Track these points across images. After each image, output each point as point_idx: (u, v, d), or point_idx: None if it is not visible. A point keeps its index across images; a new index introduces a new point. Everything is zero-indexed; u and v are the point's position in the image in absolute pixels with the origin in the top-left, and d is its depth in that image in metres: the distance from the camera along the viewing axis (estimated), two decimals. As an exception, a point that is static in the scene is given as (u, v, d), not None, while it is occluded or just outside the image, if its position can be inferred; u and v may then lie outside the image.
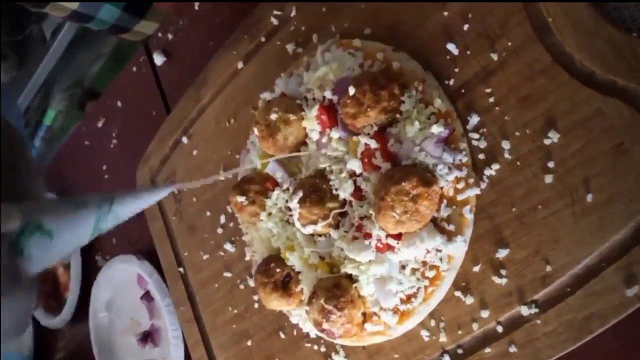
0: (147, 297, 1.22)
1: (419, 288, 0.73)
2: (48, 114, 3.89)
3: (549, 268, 0.65)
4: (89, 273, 1.40)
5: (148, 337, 1.22)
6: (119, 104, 1.36)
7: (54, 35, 3.61)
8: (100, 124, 1.41)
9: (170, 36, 1.21)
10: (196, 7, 1.15)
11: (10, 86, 3.63)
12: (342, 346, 0.84)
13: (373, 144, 0.74)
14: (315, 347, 0.87)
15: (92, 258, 1.40)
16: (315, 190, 0.79)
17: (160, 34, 1.24)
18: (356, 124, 0.75)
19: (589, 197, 0.62)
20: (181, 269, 1.10)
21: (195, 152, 1.08)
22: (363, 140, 0.74)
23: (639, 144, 0.59)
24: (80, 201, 0.59)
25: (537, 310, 0.65)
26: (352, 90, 0.74)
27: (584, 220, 0.63)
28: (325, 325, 0.77)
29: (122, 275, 1.27)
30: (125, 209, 0.62)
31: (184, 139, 1.10)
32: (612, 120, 0.61)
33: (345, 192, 0.77)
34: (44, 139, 3.92)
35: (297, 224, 0.80)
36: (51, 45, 3.62)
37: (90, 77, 3.67)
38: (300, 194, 0.79)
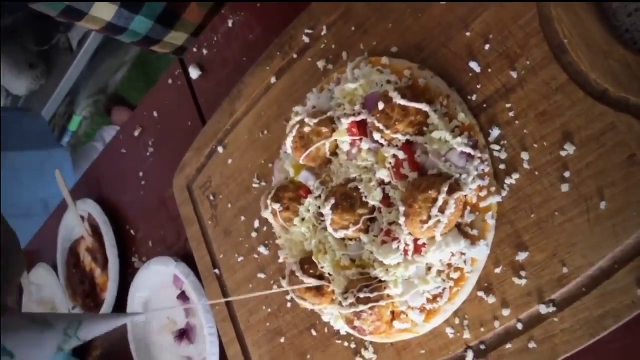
0: (182, 296, 1.29)
1: (444, 289, 0.79)
2: (73, 120, 4.01)
3: (565, 270, 0.70)
4: (126, 274, 1.48)
5: (184, 335, 1.29)
6: (155, 114, 1.43)
7: (80, 45, 3.72)
8: (136, 133, 1.48)
9: (205, 51, 1.29)
10: (230, 25, 1.22)
11: (39, 94, 3.75)
12: (371, 343, 0.90)
13: (401, 155, 0.80)
14: (346, 344, 0.93)
15: (129, 260, 1.48)
16: (347, 197, 0.85)
17: (195, 49, 1.31)
18: (385, 137, 0.81)
19: (603, 205, 0.67)
20: (217, 271, 1.16)
21: (230, 161, 1.14)
22: (392, 151, 0.80)
23: (649, 156, 0.64)
24: (46, 324, 0.60)
25: (554, 309, 0.71)
26: (381, 106, 0.80)
27: (598, 227, 0.68)
28: (356, 323, 0.83)
29: (159, 277, 1.33)
30: (91, 334, 0.64)
31: (220, 149, 1.16)
32: (624, 134, 0.66)
33: (374, 199, 0.83)
34: (69, 144, 4.04)
35: (330, 229, 0.86)
36: (77, 54, 3.73)
37: (114, 85, 3.77)
38: (333, 201, 0.85)
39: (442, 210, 0.74)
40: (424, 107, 0.78)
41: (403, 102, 0.78)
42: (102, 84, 3.88)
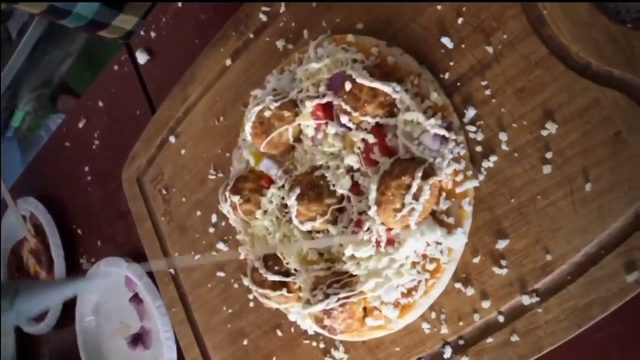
0: (135, 299, 1.20)
1: (419, 281, 0.74)
2: (16, 116, 3.79)
3: (549, 257, 0.66)
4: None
5: (138, 339, 1.20)
6: (100, 104, 1.33)
7: (20, 35, 3.52)
8: (81, 125, 1.38)
9: (153, 34, 1.19)
10: (180, 5, 1.14)
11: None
12: (341, 342, 0.84)
13: (371, 139, 0.74)
14: (314, 344, 0.87)
15: (76, 262, 1.38)
16: (313, 186, 0.78)
17: (142, 32, 1.22)
18: (353, 120, 0.75)
19: (588, 186, 0.63)
20: (172, 270, 1.08)
21: (183, 152, 1.06)
22: (361, 135, 0.74)
23: (636, 132, 0.60)
24: None
25: (538, 299, 0.66)
26: (348, 86, 0.74)
27: (583, 209, 0.64)
28: (326, 322, 0.77)
29: (110, 278, 1.24)
30: (32, 306, 0.57)
31: (172, 138, 1.08)
32: (609, 110, 0.62)
33: (343, 187, 0.77)
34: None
35: (295, 221, 0.79)
36: (17, 44, 3.53)
37: (59, 77, 3.59)
38: (298, 191, 0.78)
39: (416, 197, 0.68)
40: (390, 90, 0.72)
41: (368, 83, 0.72)
42: (46, 76, 3.68)
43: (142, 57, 1.21)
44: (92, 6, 1.38)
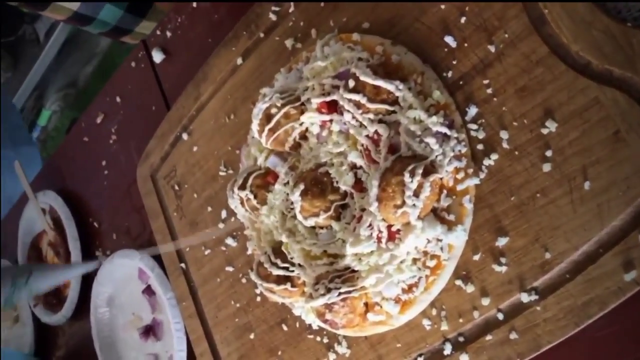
0: (148, 291, 1.23)
1: (420, 277, 0.74)
2: (42, 115, 3.88)
3: (548, 255, 0.66)
4: (90, 269, 1.41)
5: (150, 331, 1.23)
6: (118, 99, 1.36)
7: (48, 36, 3.60)
8: (99, 120, 1.41)
9: (168, 34, 1.22)
10: (194, 5, 1.16)
11: (4, 86, 3.63)
12: (344, 337, 0.85)
13: (380, 130, 0.74)
14: (318, 339, 0.88)
15: (92, 254, 1.41)
16: (317, 182, 0.79)
17: (158, 32, 1.25)
18: (357, 117, 0.76)
19: (587, 185, 0.63)
20: (183, 265, 1.10)
21: (195, 149, 1.08)
22: (364, 132, 0.75)
23: (635, 131, 0.60)
24: None
25: (537, 297, 0.67)
26: (352, 83, 0.75)
27: (582, 208, 0.64)
28: (328, 316, 0.78)
29: (124, 270, 1.27)
30: (42, 284, 0.60)
31: (184, 136, 1.10)
32: (608, 109, 0.62)
33: (346, 184, 0.78)
34: (38, 139, 3.91)
35: (299, 217, 0.81)
36: (45, 46, 3.61)
37: (85, 78, 3.66)
38: (302, 186, 0.79)
39: (416, 194, 0.69)
40: (393, 88, 0.73)
41: (371, 81, 0.73)
42: (72, 76, 3.76)
43: (158, 57, 1.23)
44: (116, 13, 1.40)
